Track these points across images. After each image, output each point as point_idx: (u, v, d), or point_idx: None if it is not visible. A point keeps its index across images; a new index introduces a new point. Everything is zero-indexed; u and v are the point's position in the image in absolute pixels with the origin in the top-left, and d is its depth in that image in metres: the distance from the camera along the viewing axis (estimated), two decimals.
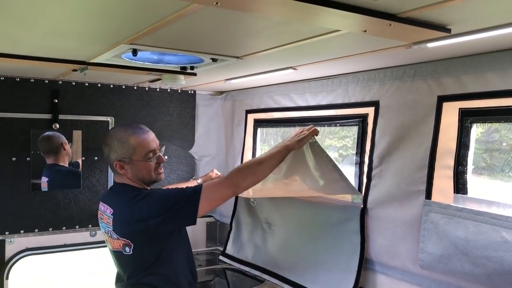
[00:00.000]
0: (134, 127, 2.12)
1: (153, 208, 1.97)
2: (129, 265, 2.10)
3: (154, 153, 2.09)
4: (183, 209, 1.96)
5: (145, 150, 2.07)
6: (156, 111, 3.59)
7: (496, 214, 1.91)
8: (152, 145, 2.10)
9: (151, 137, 2.12)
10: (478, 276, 1.94)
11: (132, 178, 2.10)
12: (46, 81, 3.17)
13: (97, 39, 1.93)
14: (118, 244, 2.07)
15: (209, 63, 2.28)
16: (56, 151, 3.21)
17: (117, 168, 2.08)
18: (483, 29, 1.58)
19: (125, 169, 2.07)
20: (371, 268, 2.54)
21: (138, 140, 2.07)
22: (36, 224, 3.17)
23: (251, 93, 3.55)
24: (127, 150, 2.05)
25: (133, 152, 2.05)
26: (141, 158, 2.06)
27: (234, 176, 2.05)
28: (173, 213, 1.95)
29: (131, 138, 2.06)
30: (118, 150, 2.06)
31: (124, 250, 2.05)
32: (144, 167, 2.08)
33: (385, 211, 2.44)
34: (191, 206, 1.95)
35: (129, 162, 2.06)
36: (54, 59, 2.35)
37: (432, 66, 2.23)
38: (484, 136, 2.20)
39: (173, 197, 1.98)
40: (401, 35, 1.62)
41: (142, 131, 2.11)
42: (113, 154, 2.07)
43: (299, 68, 2.45)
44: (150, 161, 2.08)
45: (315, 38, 1.75)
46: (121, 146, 2.06)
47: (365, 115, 2.64)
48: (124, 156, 2.05)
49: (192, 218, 1.96)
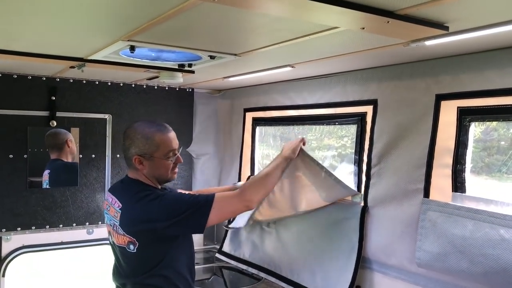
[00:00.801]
0: (159, 125, 2.11)
1: (163, 211, 1.96)
2: (131, 262, 2.10)
3: (174, 153, 2.10)
4: (193, 217, 1.96)
5: (168, 148, 2.07)
6: (154, 109, 3.59)
7: (494, 213, 1.91)
8: (174, 144, 2.11)
9: (174, 136, 2.12)
10: (475, 274, 1.93)
11: (147, 175, 2.10)
12: (44, 78, 3.16)
13: (94, 36, 1.92)
14: (123, 240, 2.06)
15: (207, 61, 2.28)
16: (60, 147, 3.25)
17: (136, 162, 2.07)
18: (481, 27, 1.57)
19: (143, 164, 2.06)
20: (368, 267, 2.53)
21: (162, 138, 2.06)
22: (33, 221, 3.16)
23: (250, 92, 3.55)
24: (150, 146, 2.04)
25: (156, 149, 2.05)
26: (162, 156, 2.06)
27: (247, 190, 2.07)
28: (182, 219, 1.95)
29: (156, 135, 2.05)
30: (141, 145, 2.05)
31: (128, 248, 2.04)
32: (163, 165, 2.08)
33: (384, 210, 2.44)
34: (201, 215, 1.95)
35: (149, 159, 2.05)
36: (51, 56, 2.34)
37: (430, 65, 2.22)
38: (483, 135, 2.20)
39: (184, 203, 1.97)
40: (399, 32, 1.61)
41: (167, 130, 2.10)
42: (134, 148, 2.06)
43: (297, 66, 2.45)
44: (170, 160, 2.08)
45: (313, 35, 1.74)
46: (144, 141, 2.05)
47: (363, 113, 2.64)
48: (146, 152, 2.05)
49: (200, 227, 1.97)
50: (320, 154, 3.17)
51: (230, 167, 3.82)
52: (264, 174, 2.20)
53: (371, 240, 2.51)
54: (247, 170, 3.63)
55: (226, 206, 2.01)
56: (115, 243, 2.14)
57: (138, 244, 2.00)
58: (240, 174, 3.67)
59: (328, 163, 3.07)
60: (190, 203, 1.97)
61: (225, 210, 2.02)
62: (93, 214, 3.38)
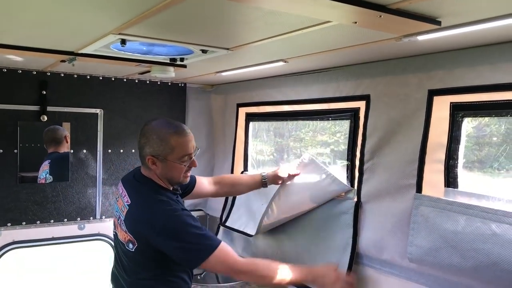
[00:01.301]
0: (177, 126, 2.05)
1: (164, 230, 1.91)
2: (129, 260, 2.08)
3: (190, 157, 2.05)
4: (188, 254, 1.92)
5: (183, 152, 2.02)
6: (146, 104, 3.56)
7: (485, 208, 1.92)
8: (190, 148, 2.04)
9: (191, 140, 2.06)
10: (466, 268, 1.94)
11: (160, 176, 2.06)
12: (34, 72, 3.13)
13: (84, 29, 1.90)
14: (124, 236, 2.04)
15: (199, 55, 2.26)
16: (59, 142, 3.29)
17: (149, 162, 2.02)
18: (473, 22, 1.57)
19: (156, 165, 2.02)
20: (360, 262, 2.54)
21: (178, 142, 2.00)
22: (24, 217, 3.14)
23: (243, 87, 3.53)
24: (164, 148, 1.99)
25: (170, 152, 1.99)
26: (176, 159, 2.00)
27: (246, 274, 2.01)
28: (178, 249, 1.92)
29: (172, 138, 2.00)
30: (155, 146, 2.00)
31: (128, 246, 2.02)
32: (176, 168, 2.03)
33: (377, 205, 2.44)
34: (196, 257, 1.91)
35: (163, 160, 2.00)
36: (41, 49, 2.31)
37: (422, 60, 2.22)
38: (475, 131, 2.20)
39: (188, 236, 1.91)
40: (391, 27, 1.61)
41: (184, 133, 2.04)
42: (149, 148, 2.01)
43: (290, 60, 2.44)
44: (183, 164, 2.03)
45: (305, 29, 1.73)
46: (159, 142, 1.99)
47: (356, 109, 2.63)
48: (160, 153, 2.00)
49: (191, 266, 1.96)
50: (314, 151, 3.17)
51: (223, 162, 3.81)
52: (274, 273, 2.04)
53: (363, 236, 2.51)
54: (240, 165, 3.62)
55: (221, 265, 1.94)
56: (117, 236, 2.12)
57: (137, 245, 1.98)
58: (233, 169, 3.66)
59: (321, 159, 3.07)
60: (193, 238, 1.91)
61: (218, 268, 1.96)
62: (85, 210, 3.36)
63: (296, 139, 3.35)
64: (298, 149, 3.31)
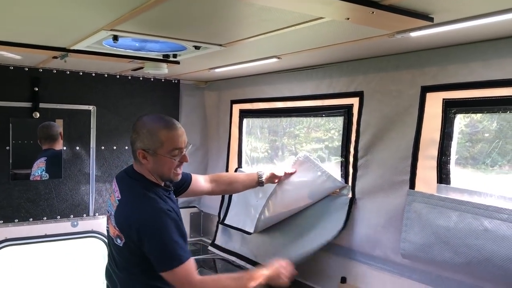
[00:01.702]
0: (167, 121, 2.05)
1: (144, 228, 1.91)
2: (118, 256, 2.08)
3: (180, 151, 2.05)
4: (158, 257, 1.92)
5: (173, 146, 2.01)
6: (139, 100, 3.55)
7: (477, 204, 1.93)
8: (180, 142, 2.04)
9: (182, 134, 2.05)
10: (458, 264, 1.95)
11: (151, 170, 2.05)
12: (26, 68, 3.11)
13: (76, 25, 1.88)
14: (113, 231, 2.05)
15: (192, 51, 2.25)
16: (54, 138, 3.26)
17: (139, 156, 2.03)
18: (465, 18, 1.57)
19: (147, 159, 2.02)
20: (353, 258, 2.54)
21: (168, 135, 2.00)
22: (16, 214, 3.12)
23: (236, 83, 3.52)
24: (154, 142, 1.99)
25: (160, 146, 1.99)
26: (166, 153, 2.00)
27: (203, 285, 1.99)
28: (151, 249, 1.92)
29: (162, 132, 2.00)
30: (146, 140, 2.00)
31: (116, 241, 2.03)
32: (166, 163, 2.02)
33: (371, 201, 2.45)
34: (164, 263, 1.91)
35: (153, 154, 2.00)
36: (33, 45, 2.30)
37: (415, 56, 2.22)
38: (467, 127, 2.21)
39: (165, 239, 1.90)
40: (384, 23, 1.60)
41: (174, 127, 2.04)
42: (139, 142, 2.02)
43: (284, 57, 2.43)
44: (174, 159, 2.03)
45: (298, 26, 1.73)
46: (150, 136, 2.00)
47: (350, 105, 2.63)
48: (150, 147, 2.00)
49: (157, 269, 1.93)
50: (309, 147, 3.18)
51: (217, 159, 3.80)
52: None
53: (357, 232, 2.52)
54: (235, 162, 3.62)
55: (178, 280, 1.93)
56: (109, 232, 2.12)
57: (124, 240, 1.98)
58: (228, 166, 3.66)
59: (316, 156, 3.08)
60: (169, 244, 1.90)
61: (176, 282, 1.94)
62: (78, 207, 3.34)
63: (290, 135, 3.35)
64: (292, 146, 3.31)
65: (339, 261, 2.62)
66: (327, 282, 2.67)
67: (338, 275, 2.61)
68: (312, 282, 2.77)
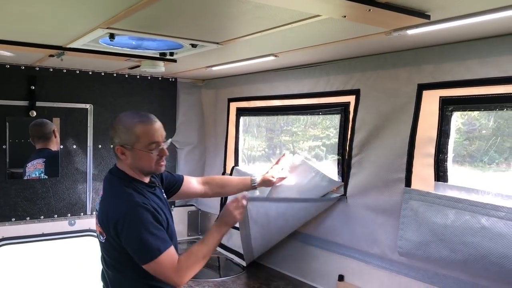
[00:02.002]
0: (143, 115, 2.06)
1: (121, 222, 1.91)
2: (105, 253, 2.09)
3: (157, 145, 2.04)
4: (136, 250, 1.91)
5: (149, 140, 2.01)
6: (136, 99, 3.54)
7: (474, 201, 1.93)
8: (156, 136, 2.04)
9: (158, 128, 2.05)
10: (455, 262, 1.96)
11: (130, 166, 2.06)
12: (23, 67, 3.10)
13: (72, 23, 1.88)
14: (98, 229, 2.06)
15: (189, 49, 2.24)
16: (48, 137, 3.22)
17: (118, 152, 2.04)
18: (462, 16, 1.57)
19: (125, 155, 2.03)
20: (351, 256, 2.55)
21: (143, 129, 2.00)
22: (13, 213, 3.11)
23: (234, 81, 3.52)
24: (130, 137, 2.00)
25: (136, 140, 2.00)
26: (143, 147, 2.00)
27: (186, 273, 1.99)
28: (129, 243, 1.91)
29: (137, 126, 2.00)
30: (122, 135, 2.01)
31: (100, 238, 2.04)
32: (144, 157, 2.02)
33: (365, 199, 2.45)
34: (144, 256, 1.90)
35: (131, 150, 2.01)
36: (29, 44, 2.29)
37: (412, 54, 2.23)
38: (465, 125, 2.21)
39: (141, 232, 1.90)
40: (381, 21, 1.60)
41: (150, 121, 2.04)
42: (117, 138, 2.03)
43: (281, 55, 2.43)
44: (151, 152, 2.03)
45: (295, 23, 1.72)
46: (125, 132, 2.01)
47: (346, 103, 2.64)
48: (127, 142, 2.01)
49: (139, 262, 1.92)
50: (306, 145, 3.18)
51: (214, 158, 3.80)
52: (204, 254, 2.06)
53: (353, 229, 2.52)
54: (232, 160, 3.62)
55: (161, 270, 1.93)
56: (96, 230, 2.13)
57: (105, 236, 1.99)
58: (225, 164, 3.66)
59: (313, 154, 3.08)
60: (146, 236, 1.90)
61: (159, 272, 1.94)
62: (75, 205, 3.34)
63: (287, 134, 3.35)
64: (290, 143, 3.31)
65: (337, 259, 2.62)
66: (325, 280, 2.68)
67: (335, 273, 2.61)
68: (309, 280, 2.78)
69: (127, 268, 1.98)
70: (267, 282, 2.78)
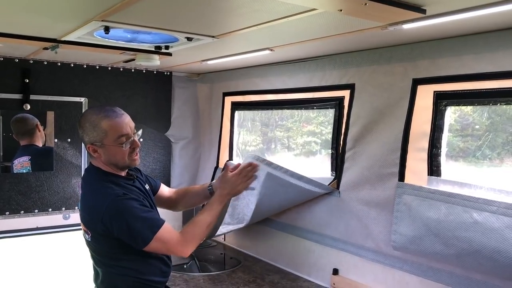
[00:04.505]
0: (107, 110, 2.01)
1: (107, 215, 1.88)
2: (92, 251, 2.07)
3: (127, 137, 2.01)
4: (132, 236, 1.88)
5: (117, 134, 1.97)
6: (131, 93, 3.53)
7: (467, 196, 1.95)
8: (125, 129, 2.00)
9: (125, 120, 2.00)
10: (448, 256, 1.97)
11: (105, 162, 2.03)
12: (16, 60, 3.07)
13: (67, 16, 1.86)
14: (82, 227, 2.04)
15: (184, 43, 2.23)
16: (31, 133, 3.17)
17: (90, 151, 2.01)
18: (458, 11, 1.58)
19: (98, 152, 2.00)
20: (345, 250, 2.56)
21: (110, 124, 1.96)
22: (7, 207, 3.10)
23: (229, 75, 3.51)
24: (98, 133, 1.96)
25: (105, 136, 1.95)
26: (112, 142, 1.96)
27: (189, 244, 1.96)
28: (122, 232, 1.87)
29: (103, 122, 1.96)
30: (90, 133, 1.97)
31: (85, 236, 2.02)
32: (116, 151, 1.98)
33: (358, 193, 2.46)
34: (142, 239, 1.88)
35: (101, 146, 1.98)
36: (23, 36, 2.27)
37: (408, 49, 2.23)
38: (458, 121, 2.22)
39: (131, 218, 1.87)
40: (377, 15, 1.60)
41: (115, 114, 2.00)
42: (86, 137, 2.00)
43: (276, 49, 2.43)
44: (122, 146, 2.01)
45: (291, 17, 1.72)
46: (92, 129, 1.97)
47: (341, 98, 2.64)
48: (96, 139, 1.98)
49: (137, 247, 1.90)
50: (302, 140, 3.18)
51: (209, 152, 3.80)
52: (208, 223, 2.03)
53: (347, 223, 2.53)
54: (226, 155, 3.62)
55: (164, 245, 1.91)
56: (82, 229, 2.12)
57: (91, 233, 1.98)
58: (218, 159, 3.65)
59: (307, 149, 3.09)
60: (136, 220, 1.87)
61: (162, 248, 1.92)
62: (70, 199, 3.33)
63: (282, 128, 3.35)
64: (285, 139, 3.32)
65: (331, 252, 2.63)
66: (319, 274, 2.69)
67: (330, 266, 2.62)
68: (304, 274, 2.79)
69: (118, 262, 1.97)
70: (262, 276, 2.79)
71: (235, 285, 2.62)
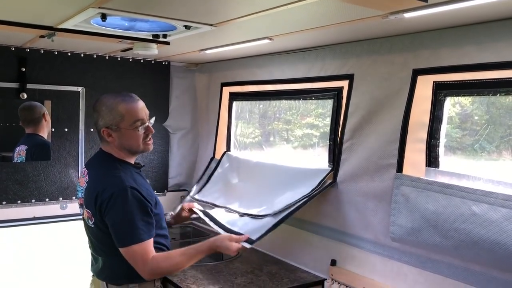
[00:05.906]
0: (124, 95, 2.08)
1: (108, 202, 1.91)
2: (94, 238, 2.08)
3: (142, 122, 2.06)
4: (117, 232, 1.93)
5: (133, 118, 2.03)
6: (128, 82, 3.50)
7: (465, 187, 1.94)
8: (141, 114, 2.05)
9: (141, 106, 2.07)
10: (446, 248, 1.97)
11: (118, 147, 2.07)
12: (13, 48, 3.04)
13: (63, 2, 1.83)
14: (85, 213, 2.05)
15: (182, 31, 2.21)
16: (37, 121, 3.17)
17: (105, 135, 2.04)
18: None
19: (112, 136, 2.04)
20: (343, 241, 2.55)
21: (126, 108, 2.02)
22: (4, 196, 3.08)
23: (227, 65, 3.49)
24: (114, 117, 2.01)
25: (121, 119, 2.01)
26: (128, 126, 2.02)
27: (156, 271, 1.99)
28: (113, 224, 1.93)
29: (120, 105, 2.02)
30: (106, 117, 2.02)
31: (88, 222, 2.03)
32: (131, 135, 2.04)
33: (356, 184, 2.45)
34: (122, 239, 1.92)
35: (117, 130, 2.02)
36: (18, 23, 2.24)
37: (409, 39, 2.21)
38: (457, 112, 2.21)
39: (126, 215, 1.91)
40: (378, 3, 1.58)
41: (132, 99, 2.07)
42: (101, 121, 2.04)
43: (276, 38, 2.40)
44: (137, 130, 2.03)
45: (290, 5, 1.69)
46: (109, 112, 2.01)
47: (340, 88, 2.62)
48: (112, 123, 2.02)
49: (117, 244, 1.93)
50: (300, 132, 3.17)
51: (207, 142, 3.78)
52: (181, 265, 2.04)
53: (347, 214, 2.52)
54: (223, 146, 3.60)
55: (134, 259, 1.93)
56: (83, 217, 2.12)
57: (94, 219, 1.98)
58: (215, 150, 3.64)
59: (305, 141, 3.07)
60: (130, 220, 1.91)
61: (131, 260, 1.93)
62: (67, 189, 3.31)
63: (281, 120, 3.33)
64: (284, 132, 3.30)
65: (329, 243, 2.63)
66: (317, 265, 2.69)
67: (328, 257, 2.62)
68: (302, 264, 2.79)
69: (117, 251, 1.97)
70: (260, 267, 2.78)
71: (233, 276, 2.62)
